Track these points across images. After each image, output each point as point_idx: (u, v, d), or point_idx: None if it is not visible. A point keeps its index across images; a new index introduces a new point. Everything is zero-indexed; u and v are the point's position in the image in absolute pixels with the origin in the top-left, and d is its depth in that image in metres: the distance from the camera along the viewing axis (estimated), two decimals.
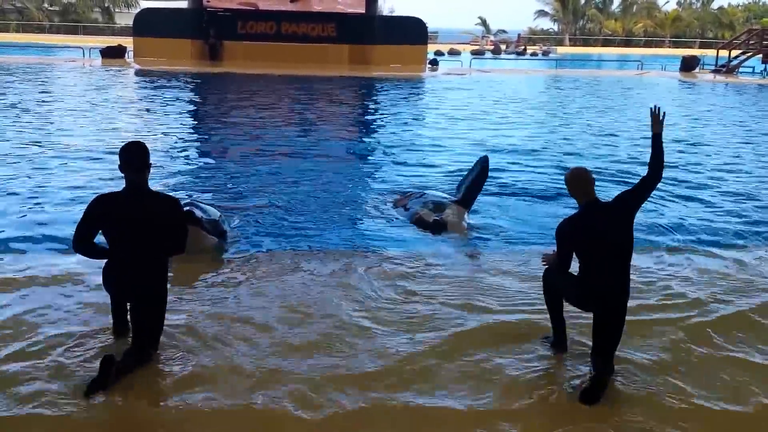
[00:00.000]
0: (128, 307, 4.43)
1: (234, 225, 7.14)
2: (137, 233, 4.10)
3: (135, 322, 4.27)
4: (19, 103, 16.74)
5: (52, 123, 13.92)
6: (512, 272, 6.05)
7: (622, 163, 11.62)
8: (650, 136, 4.27)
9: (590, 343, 4.30)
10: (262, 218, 7.62)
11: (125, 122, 14.88)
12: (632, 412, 3.86)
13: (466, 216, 7.41)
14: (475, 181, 7.39)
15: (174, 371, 4.14)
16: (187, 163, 10.78)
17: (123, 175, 4.18)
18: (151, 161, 4.25)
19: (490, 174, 7.57)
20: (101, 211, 4.12)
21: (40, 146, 11.36)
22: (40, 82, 22.05)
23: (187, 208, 5.89)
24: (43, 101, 17.41)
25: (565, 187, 4.36)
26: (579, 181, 4.22)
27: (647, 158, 4.26)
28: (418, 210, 7.53)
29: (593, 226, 4.14)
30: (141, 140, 4.43)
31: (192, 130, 14.61)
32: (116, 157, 4.19)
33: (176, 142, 12.54)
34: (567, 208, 7.78)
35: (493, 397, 3.97)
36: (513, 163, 11.35)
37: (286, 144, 12.76)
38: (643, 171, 4.25)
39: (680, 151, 12.82)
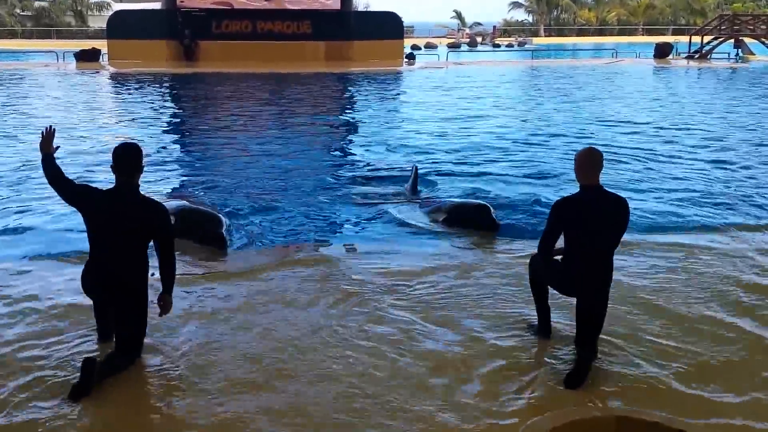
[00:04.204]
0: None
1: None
2: (118, 235, 4.05)
3: (117, 326, 4.22)
4: None
5: (24, 127, 13.72)
6: (495, 259, 6.08)
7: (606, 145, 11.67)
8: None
9: (574, 329, 4.33)
10: (241, 216, 7.60)
11: (101, 125, 14.71)
12: (616, 394, 3.89)
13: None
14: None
15: (158, 375, 4.10)
16: (164, 163, 10.63)
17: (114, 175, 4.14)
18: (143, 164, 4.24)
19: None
20: (82, 201, 4.12)
21: (13, 152, 11.23)
22: (14, 88, 21.72)
23: None
24: (18, 106, 17.15)
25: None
26: (590, 162, 4.17)
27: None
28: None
29: (589, 210, 4.15)
30: (135, 142, 4.40)
31: (168, 131, 14.48)
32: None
33: (152, 143, 12.38)
34: (549, 198, 7.83)
35: (477, 383, 3.99)
36: (492, 152, 11.34)
37: (263, 142, 12.70)
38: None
39: (665, 139, 12.96)
